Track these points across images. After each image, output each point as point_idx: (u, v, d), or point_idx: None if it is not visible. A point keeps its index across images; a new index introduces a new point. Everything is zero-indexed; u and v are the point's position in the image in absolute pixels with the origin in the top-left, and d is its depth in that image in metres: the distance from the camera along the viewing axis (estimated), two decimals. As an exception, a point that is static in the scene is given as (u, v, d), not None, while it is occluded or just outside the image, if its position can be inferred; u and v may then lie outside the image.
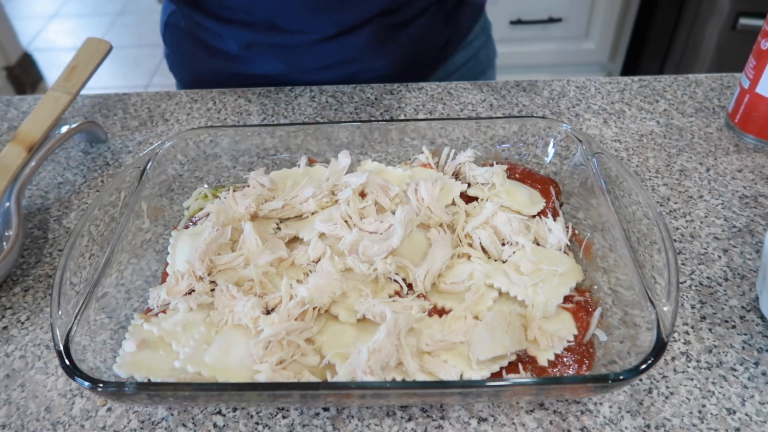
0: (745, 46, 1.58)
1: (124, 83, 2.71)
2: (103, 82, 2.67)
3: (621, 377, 0.41)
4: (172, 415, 0.49)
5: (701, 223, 0.62)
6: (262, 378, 0.45)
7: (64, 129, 0.71)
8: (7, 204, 0.64)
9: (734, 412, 0.47)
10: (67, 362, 0.44)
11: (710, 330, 0.53)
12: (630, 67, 1.97)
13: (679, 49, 1.71)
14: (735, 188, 0.66)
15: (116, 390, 0.43)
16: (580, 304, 0.51)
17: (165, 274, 0.57)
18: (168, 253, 0.58)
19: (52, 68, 2.75)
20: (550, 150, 0.63)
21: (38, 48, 2.86)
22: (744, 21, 1.54)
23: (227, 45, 0.85)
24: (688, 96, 0.79)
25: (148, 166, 0.61)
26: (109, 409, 0.50)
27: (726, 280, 0.57)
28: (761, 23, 1.52)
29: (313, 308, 0.50)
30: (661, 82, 0.82)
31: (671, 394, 0.48)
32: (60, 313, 0.47)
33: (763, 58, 0.66)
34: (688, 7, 1.63)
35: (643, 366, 0.41)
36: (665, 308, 0.44)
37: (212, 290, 0.54)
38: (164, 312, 0.52)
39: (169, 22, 0.89)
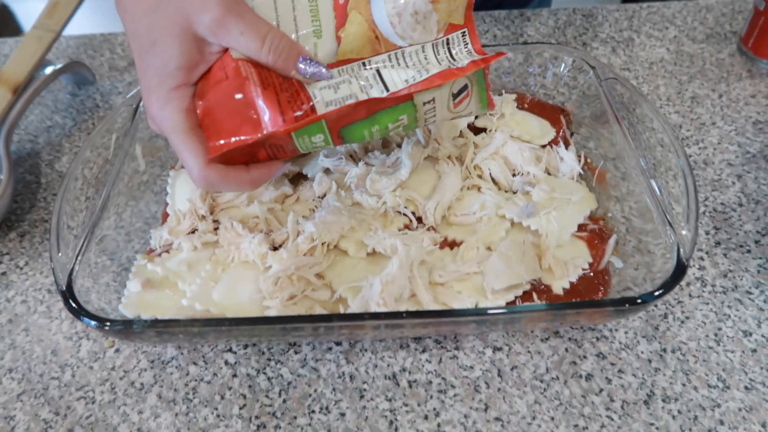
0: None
1: (113, 24, 2.61)
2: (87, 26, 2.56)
3: (639, 300, 0.40)
4: (182, 354, 0.48)
5: (714, 149, 0.61)
6: (272, 314, 0.44)
7: (50, 70, 0.68)
8: (-4, 148, 0.62)
9: (750, 334, 0.47)
10: (72, 303, 0.42)
11: (725, 255, 0.52)
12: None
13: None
14: (748, 114, 0.64)
15: (124, 329, 0.41)
16: (594, 232, 0.50)
17: (165, 215, 0.55)
18: (167, 194, 0.56)
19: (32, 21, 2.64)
20: (559, 78, 0.61)
21: (15, -2, 2.74)
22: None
23: None
24: (699, 22, 0.76)
25: (140, 104, 0.58)
26: (117, 350, 0.49)
27: (740, 205, 0.55)
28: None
29: (322, 243, 0.48)
30: (671, 8, 0.78)
31: (687, 318, 0.48)
32: (60, 255, 0.46)
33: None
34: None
35: (663, 290, 0.40)
36: (684, 232, 0.43)
37: (215, 229, 0.52)
38: (167, 252, 0.51)
39: None
